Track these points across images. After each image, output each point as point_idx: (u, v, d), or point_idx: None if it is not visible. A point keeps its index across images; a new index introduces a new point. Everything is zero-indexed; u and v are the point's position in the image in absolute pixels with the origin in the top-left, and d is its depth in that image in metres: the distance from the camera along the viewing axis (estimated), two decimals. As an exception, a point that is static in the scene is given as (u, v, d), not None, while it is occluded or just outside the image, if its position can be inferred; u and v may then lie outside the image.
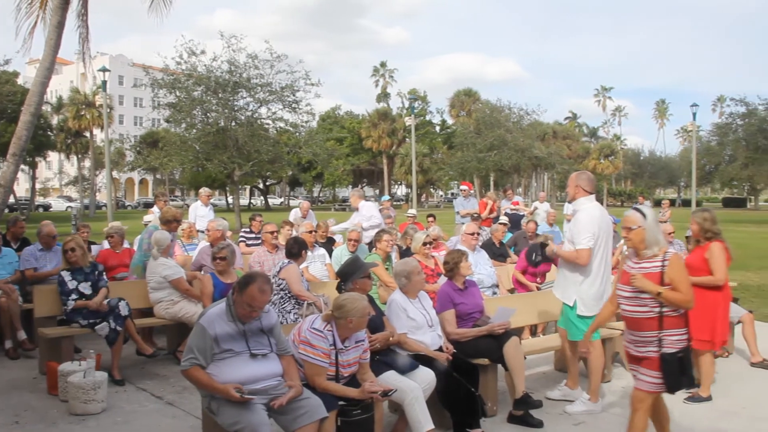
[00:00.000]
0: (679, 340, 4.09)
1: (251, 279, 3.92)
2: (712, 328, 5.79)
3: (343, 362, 4.24)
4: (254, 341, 3.94)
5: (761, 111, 37.98)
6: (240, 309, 3.88)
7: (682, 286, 4.07)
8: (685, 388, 4.25)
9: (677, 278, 4.08)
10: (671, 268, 4.10)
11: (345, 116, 78.79)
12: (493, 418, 5.32)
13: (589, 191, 5.66)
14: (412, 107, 38.00)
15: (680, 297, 4.04)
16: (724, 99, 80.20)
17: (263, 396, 3.85)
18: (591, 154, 72.49)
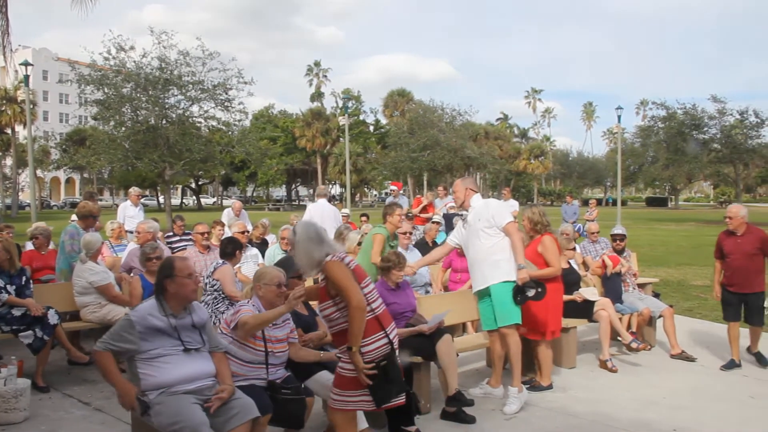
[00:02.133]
0: (378, 347, 3.88)
1: (168, 261, 4.10)
2: (545, 318, 6.00)
3: (270, 337, 4.23)
4: (186, 336, 3.91)
5: (680, 115, 39.53)
6: (185, 289, 3.90)
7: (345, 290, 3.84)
8: (395, 396, 3.99)
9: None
10: (328, 278, 3.89)
11: (278, 115, 78.08)
12: (426, 415, 5.38)
13: (477, 191, 5.94)
14: (346, 107, 38.00)
15: (350, 301, 3.81)
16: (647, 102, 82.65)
17: (198, 396, 3.81)
18: (522, 155, 74.04)
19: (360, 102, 75.96)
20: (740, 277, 6.91)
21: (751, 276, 6.84)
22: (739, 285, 6.92)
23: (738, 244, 6.91)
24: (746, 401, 5.90)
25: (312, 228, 4.00)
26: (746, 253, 6.84)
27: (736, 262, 6.92)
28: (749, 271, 6.84)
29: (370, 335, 3.86)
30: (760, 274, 6.87)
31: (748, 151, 39.22)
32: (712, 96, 38.77)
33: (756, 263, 6.85)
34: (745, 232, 6.91)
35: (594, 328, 7.45)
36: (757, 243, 6.83)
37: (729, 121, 38.81)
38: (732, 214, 6.95)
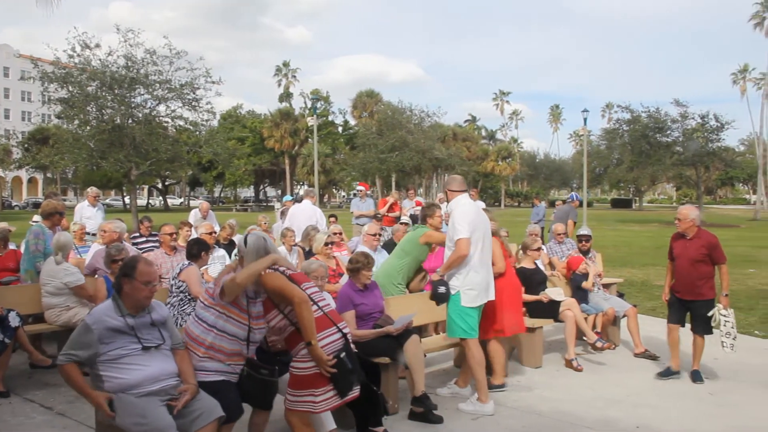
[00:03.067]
0: (333, 341, 3.99)
1: (132, 261, 4.03)
2: (501, 316, 6.00)
3: (252, 312, 4.14)
4: (145, 334, 3.87)
5: (644, 118, 40.19)
6: (138, 294, 3.85)
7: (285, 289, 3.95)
8: (356, 386, 4.10)
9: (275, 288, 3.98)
10: (267, 289, 4.03)
11: (247, 115, 77.57)
12: (394, 415, 5.39)
13: (459, 190, 5.83)
14: (315, 107, 37.86)
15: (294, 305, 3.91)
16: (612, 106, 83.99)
17: (162, 397, 3.76)
18: (489, 156, 74.59)
19: (329, 103, 75.82)
20: (684, 282, 6.53)
21: (695, 282, 6.41)
22: (683, 291, 6.54)
23: (685, 248, 6.52)
24: (706, 398, 6.03)
25: (262, 242, 4.13)
26: (691, 259, 6.42)
27: (681, 267, 6.55)
28: (693, 277, 6.42)
29: (323, 330, 3.98)
30: (706, 281, 6.40)
31: (708, 154, 40.03)
32: (675, 100, 39.56)
33: (701, 269, 6.39)
34: (695, 236, 6.48)
35: (560, 328, 7.54)
36: (703, 248, 6.38)
37: (691, 124, 39.58)
38: (681, 216, 6.54)
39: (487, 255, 5.72)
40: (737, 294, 11.74)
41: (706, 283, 6.41)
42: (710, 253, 6.38)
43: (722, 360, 7.23)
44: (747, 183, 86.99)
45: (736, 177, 78.40)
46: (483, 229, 5.68)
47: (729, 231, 32.06)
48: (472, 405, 5.62)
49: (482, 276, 5.59)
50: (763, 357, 7.51)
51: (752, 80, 75.33)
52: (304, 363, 3.96)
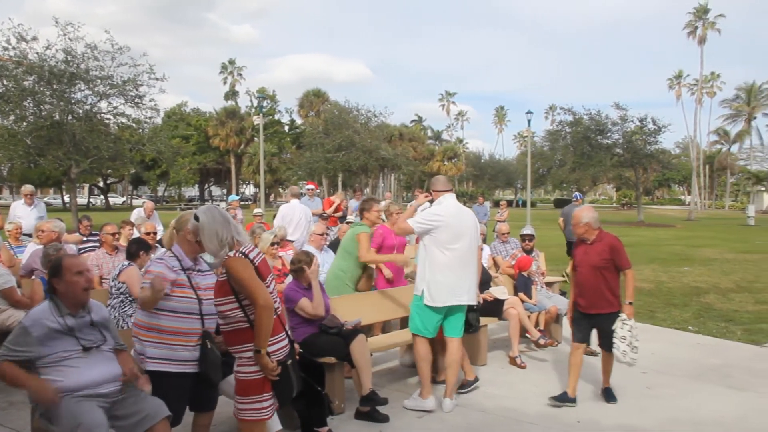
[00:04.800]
0: (282, 348, 3.81)
1: (56, 260, 3.92)
2: None
3: (199, 285, 4.04)
4: (85, 334, 3.77)
5: (586, 120, 41.13)
6: (73, 290, 3.75)
7: (251, 284, 3.62)
8: (295, 393, 3.94)
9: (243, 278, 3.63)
10: (231, 275, 3.65)
11: (191, 113, 76.19)
12: (340, 415, 5.40)
13: (443, 190, 5.83)
14: (261, 106, 37.52)
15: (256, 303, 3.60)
16: (555, 108, 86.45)
17: (104, 400, 3.68)
18: (435, 156, 75.15)
19: (275, 101, 75.18)
20: (587, 293, 5.82)
21: (599, 293, 5.73)
22: (587, 304, 5.83)
23: (586, 255, 5.84)
24: (644, 392, 6.22)
25: (216, 210, 3.83)
26: (593, 266, 5.74)
27: (582, 276, 5.85)
28: (596, 286, 5.74)
29: (275, 335, 3.74)
30: (611, 291, 5.75)
31: (647, 156, 41.21)
32: (615, 103, 40.63)
33: (604, 277, 5.72)
34: (595, 240, 5.82)
35: (504, 326, 7.67)
36: (605, 253, 5.72)
37: (630, 127, 40.67)
38: (575, 221, 5.89)
39: (465, 259, 5.61)
40: (673, 291, 12.15)
41: (610, 292, 5.75)
42: (613, 257, 5.71)
43: (658, 355, 7.50)
44: (682, 184, 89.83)
45: (672, 178, 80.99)
46: (460, 233, 5.60)
47: (666, 231, 33.09)
48: (414, 401, 5.68)
49: (450, 279, 5.54)
50: (695, 351, 7.79)
51: (686, 86, 78.01)
52: (250, 367, 3.73)
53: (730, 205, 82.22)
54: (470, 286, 5.67)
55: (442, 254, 5.53)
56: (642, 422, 5.41)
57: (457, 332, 5.72)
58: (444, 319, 5.66)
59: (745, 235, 30.08)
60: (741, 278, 14.10)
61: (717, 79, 79.26)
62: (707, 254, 20.05)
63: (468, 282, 5.65)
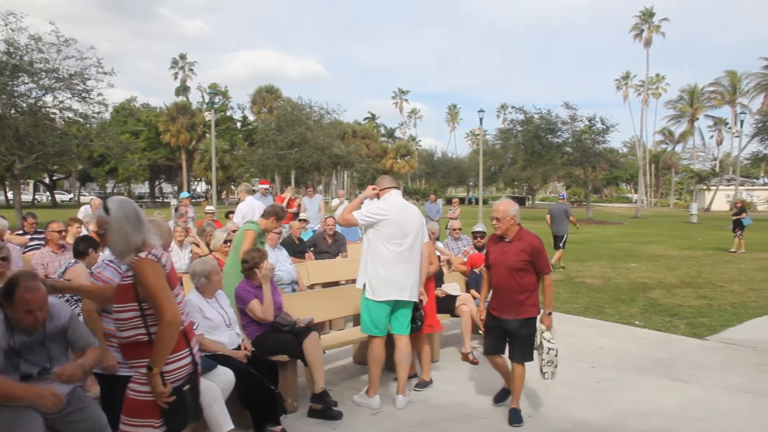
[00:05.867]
0: (181, 367, 3.32)
1: (14, 282, 3.45)
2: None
3: None
4: (30, 357, 3.49)
5: (536, 119, 41.78)
6: (20, 322, 3.43)
7: (158, 292, 3.21)
8: (191, 423, 3.51)
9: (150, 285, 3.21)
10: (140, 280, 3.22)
11: (141, 109, 74.70)
12: (293, 413, 5.39)
13: (388, 186, 5.85)
14: (212, 102, 37.07)
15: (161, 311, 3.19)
16: (507, 107, 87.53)
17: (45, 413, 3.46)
18: (388, 154, 75.25)
19: (227, 97, 74.31)
20: (501, 297, 5.33)
21: (515, 297, 5.24)
22: (501, 308, 5.33)
23: (503, 254, 5.31)
24: (593, 386, 6.36)
25: (130, 206, 3.37)
26: (510, 266, 5.23)
27: (498, 278, 5.34)
28: (512, 289, 5.24)
29: (175, 353, 3.27)
30: (528, 295, 5.25)
31: (595, 155, 42.06)
32: (565, 103, 41.43)
33: (522, 280, 5.22)
34: (515, 238, 5.29)
35: (456, 322, 7.74)
36: (524, 253, 5.20)
37: (579, 126, 41.46)
38: (500, 214, 5.31)
39: (408, 255, 5.63)
40: (620, 287, 12.44)
41: (528, 297, 5.26)
42: (533, 259, 5.21)
43: (606, 349, 7.68)
44: (629, 183, 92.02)
45: (620, 177, 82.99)
46: (405, 229, 5.62)
47: (614, 228, 33.82)
48: (361, 397, 5.72)
49: (393, 274, 5.56)
50: (641, 345, 7.99)
51: (633, 86, 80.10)
52: (143, 386, 3.25)
53: (674, 203, 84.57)
54: (414, 283, 5.70)
55: (385, 249, 5.56)
56: (591, 415, 5.53)
57: (404, 329, 5.75)
58: (391, 317, 5.69)
59: (688, 232, 30.98)
60: (684, 274, 14.52)
61: (662, 81, 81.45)
62: (653, 251, 20.59)
63: (411, 278, 5.67)
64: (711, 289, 12.31)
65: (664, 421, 5.39)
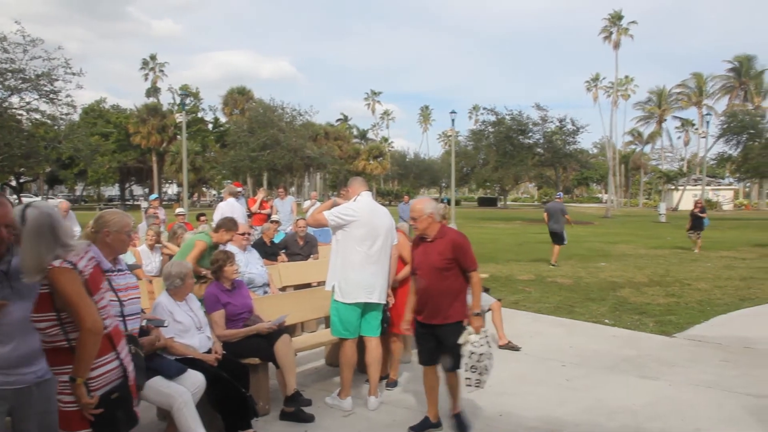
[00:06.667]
0: (107, 372, 3.16)
1: None
2: (396, 314, 6.17)
3: (120, 286, 3.81)
4: None
5: (508, 120, 42.14)
6: None
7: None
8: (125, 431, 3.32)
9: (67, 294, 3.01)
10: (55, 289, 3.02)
11: (111, 110, 73.83)
12: (265, 417, 5.36)
13: (359, 188, 5.86)
14: (184, 103, 36.71)
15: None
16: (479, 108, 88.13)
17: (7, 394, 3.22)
18: (361, 155, 75.31)
19: (198, 99, 73.81)
20: (427, 300, 4.97)
21: (441, 299, 4.90)
22: (427, 312, 4.99)
23: (426, 254, 4.99)
24: (563, 384, 6.43)
25: (47, 219, 3.10)
26: (433, 267, 4.90)
27: (423, 280, 4.99)
28: (437, 291, 4.89)
29: (97, 358, 3.09)
30: (454, 297, 4.92)
31: (566, 156, 42.53)
32: (536, 104, 41.91)
33: (447, 281, 4.89)
34: (436, 237, 4.97)
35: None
36: (447, 252, 4.87)
37: (550, 127, 41.90)
38: (416, 213, 4.97)
39: (378, 258, 5.63)
40: (591, 286, 12.58)
41: (455, 299, 4.92)
42: (457, 257, 4.88)
43: (576, 348, 7.77)
44: (599, 183, 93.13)
45: (591, 177, 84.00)
46: (375, 231, 5.63)
47: (585, 228, 34.18)
48: (332, 399, 5.72)
49: (362, 276, 5.57)
50: (610, 343, 8.09)
51: (603, 88, 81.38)
52: (69, 396, 3.07)
53: (643, 203, 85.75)
54: (383, 285, 5.71)
55: (355, 251, 5.57)
56: (561, 413, 5.59)
57: (374, 331, 5.77)
58: (361, 319, 5.70)
59: (657, 231, 31.45)
60: (653, 273, 14.73)
61: (631, 83, 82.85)
62: (622, 250, 20.87)
63: (380, 280, 5.68)
64: (678, 287, 12.51)
65: (633, 418, 5.47)
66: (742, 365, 7.09)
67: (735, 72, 71.24)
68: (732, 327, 9.04)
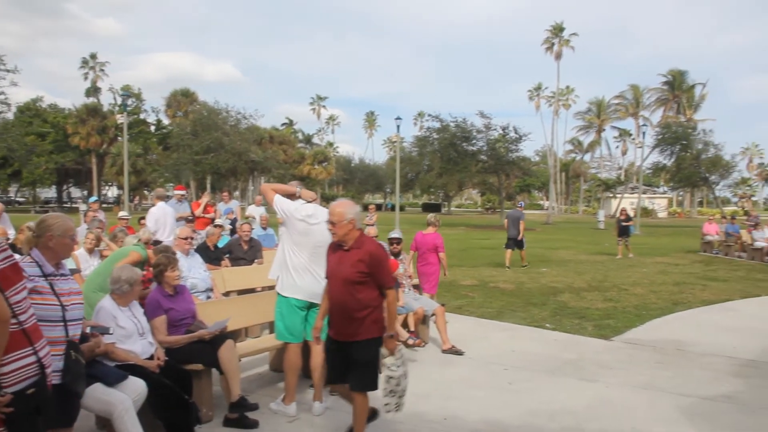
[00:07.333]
0: (22, 368, 3.04)
1: None
2: None
3: (62, 291, 3.73)
4: None
5: (452, 127, 42.61)
6: None
7: None
8: (46, 429, 3.21)
9: None
10: None
11: (48, 109, 71.75)
12: (209, 423, 5.30)
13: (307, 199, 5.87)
14: (125, 104, 36.02)
15: None
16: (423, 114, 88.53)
17: None
18: (306, 160, 75.04)
19: (140, 100, 72.44)
20: (338, 315, 4.57)
21: (352, 314, 4.47)
22: (337, 328, 4.59)
23: (339, 264, 4.57)
24: (506, 387, 6.53)
25: None
26: (345, 279, 4.49)
27: (333, 292, 4.60)
28: (349, 306, 4.47)
29: (11, 352, 2.98)
30: (369, 313, 4.49)
31: (509, 163, 43.24)
32: (480, 112, 42.52)
33: (360, 294, 4.46)
34: (353, 246, 4.53)
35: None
36: (361, 263, 4.43)
37: (494, 135, 42.54)
38: (335, 217, 4.52)
39: (321, 261, 5.37)
40: (532, 291, 12.82)
41: (369, 315, 4.49)
42: (372, 271, 4.44)
43: (519, 352, 7.91)
44: (541, 190, 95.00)
45: (533, 184, 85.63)
46: (314, 238, 5.58)
47: (526, 234, 34.62)
48: (276, 405, 5.69)
49: (305, 282, 5.56)
50: (551, 347, 8.26)
51: (545, 98, 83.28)
52: None
53: (583, 210, 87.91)
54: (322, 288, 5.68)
55: (295, 255, 5.58)
56: (504, 416, 5.68)
57: (292, 338, 5.73)
58: (305, 322, 5.68)
59: (595, 237, 32.24)
60: (592, 278, 15.11)
61: (572, 93, 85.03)
62: (563, 256, 21.34)
63: (322, 284, 5.54)
64: (616, 292, 12.87)
65: (573, 419, 5.61)
66: (674, 367, 7.36)
67: (669, 85, 73.82)
68: (666, 330, 9.35)
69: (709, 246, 22.94)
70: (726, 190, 75.04)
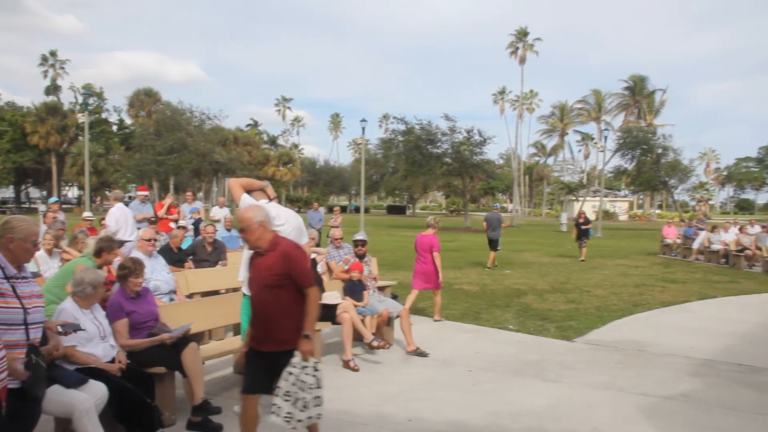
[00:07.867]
0: None
1: None
2: None
3: (24, 293, 3.68)
4: None
5: (417, 130, 42.83)
6: None
7: None
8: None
9: None
10: None
11: (6, 107, 70.20)
12: (171, 427, 5.24)
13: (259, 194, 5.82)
14: (86, 103, 35.44)
15: None
16: (389, 117, 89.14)
17: None
18: (271, 161, 74.70)
19: (102, 99, 71.21)
20: (260, 323, 4.31)
21: (275, 322, 4.23)
22: (258, 338, 4.33)
23: (257, 270, 4.37)
24: (470, 388, 6.58)
25: None
26: (263, 284, 4.27)
27: (255, 299, 4.38)
28: (270, 313, 4.23)
29: None
30: (290, 320, 4.23)
31: (473, 166, 43.58)
32: (445, 115, 42.83)
33: (280, 300, 4.22)
34: (268, 249, 4.31)
35: (337, 330, 7.79)
36: (278, 266, 4.21)
37: (458, 138, 42.83)
38: (244, 223, 4.32)
39: None
40: (496, 293, 12.93)
41: (292, 322, 4.23)
42: (289, 272, 4.21)
43: (482, 353, 7.98)
44: (505, 193, 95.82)
45: (497, 187, 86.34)
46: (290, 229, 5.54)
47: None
48: (240, 407, 5.62)
49: None
50: (515, 348, 8.35)
51: (509, 101, 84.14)
52: None
53: (546, 212, 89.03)
54: None
55: None
56: (468, 416, 5.72)
57: None
58: None
59: (558, 240, 32.68)
60: (554, 280, 15.30)
61: (535, 97, 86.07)
62: (526, 258, 21.57)
63: None
64: (578, 293, 13.06)
65: (535, 419, 5.67)
66: (635, 367, 7.49)
67: (630, 91, 75.15)
68: (626, 331, 9.52)
69: (668, 248, 23.45)
70: (684, 194, 76.88)
